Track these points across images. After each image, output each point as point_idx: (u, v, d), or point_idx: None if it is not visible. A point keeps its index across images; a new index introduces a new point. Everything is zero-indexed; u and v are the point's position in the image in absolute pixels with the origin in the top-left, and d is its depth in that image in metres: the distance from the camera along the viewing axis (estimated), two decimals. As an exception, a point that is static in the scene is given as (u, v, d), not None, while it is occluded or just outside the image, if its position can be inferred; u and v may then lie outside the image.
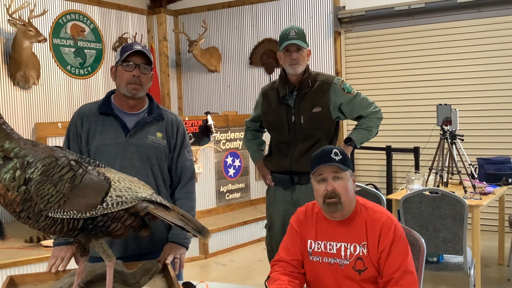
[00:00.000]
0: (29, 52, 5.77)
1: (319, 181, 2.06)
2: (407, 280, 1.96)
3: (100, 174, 1.74)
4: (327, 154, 2.04)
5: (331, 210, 2.04)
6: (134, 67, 2.19)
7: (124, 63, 2.19)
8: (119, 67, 2.22)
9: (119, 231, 1.75)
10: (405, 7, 6.19)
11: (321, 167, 2.03)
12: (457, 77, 6.09)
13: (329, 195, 2.01)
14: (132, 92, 2.21)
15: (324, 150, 2.07)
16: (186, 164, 2.36)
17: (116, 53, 2.28)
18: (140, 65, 2.20)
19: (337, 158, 2.03)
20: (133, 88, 2.20)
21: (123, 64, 2.19)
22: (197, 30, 7.64)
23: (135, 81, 2.19)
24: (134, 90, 2.20)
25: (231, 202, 6.23)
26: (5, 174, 1.61)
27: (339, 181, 2.03)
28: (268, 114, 3.09)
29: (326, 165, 2.02)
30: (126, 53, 2.18)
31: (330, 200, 2.01)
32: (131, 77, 2.19)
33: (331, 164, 2.02)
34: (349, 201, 2.05)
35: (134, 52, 2.18)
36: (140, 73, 2.19)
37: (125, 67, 2.19)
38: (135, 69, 2.19)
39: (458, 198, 3.44)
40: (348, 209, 2.06)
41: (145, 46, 2.27)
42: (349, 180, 2.05)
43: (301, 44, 2.90)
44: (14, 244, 4.54)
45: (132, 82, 2.19)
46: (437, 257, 3.56)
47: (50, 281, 2.01)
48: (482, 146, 5.89)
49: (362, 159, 6.65)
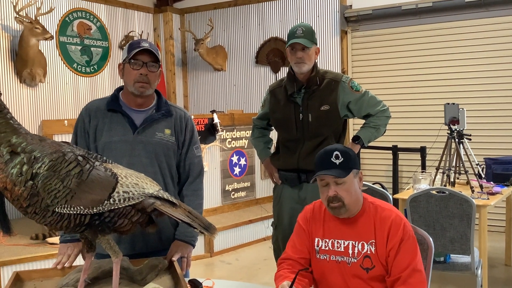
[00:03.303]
0: (36, 49, 5.78)
1: (322, 186, 2.05)
2: (416, 279, 1.94)
3: (107, 170, 1.73)
4: (328, 158, 2.01)
5: (335, 213, 2.04)
6: (142, 65, 2.16)
7: (132, 60, 2.16)
8: (127, 65, 2.20)
9: (126, 227, 1.75)
10: (412, 6, 6.16)
11: (322, 173, 2.02)
12: (465, 76, 6.05)
13: (332, 199, 2.00)
14: (140, 90, 2.19)
15: (326, 153, 2.03)
16: (195, 161, 2.34)
17: (123, 50, 2.25)
18: (148, 63, 2.17)
19: (337, 162, 1.99)
20: (140, 86, 2.18)
21: (130, 62, 2.17)
22: (203, 28, 7.63)
23: (143, 79, 2.17)
24: (141, 88, 2.19)
25: (237, 200, 6.22)
26: (12, 169, 1.60)
27: (341, 186, 2.00)
28: (275, 111, 3.08)
29: (325, 174, 2.00)
30: (133, 51, 2.15)
31: (333, 205, 2.01)
32: (138, 76, 2.16)
33: (329, 173, 1.99)
34: (354, 202, 2.03)
35: (142, 50, 2.16)
36: (147, 71, 2.17)
37: (133, 65, 2.16)
38: (142, 67, 2.16)
39: (465, 198, 3.41)
40: (354, 209, 2.04)
41: (152, 44, 2.25)
42: (352, 182, 2.02)
43: (305, 43, 2.87)
44: (20, 241, 4.55)
45: (139, 80, 2.17)
46: (444, 257, 3.53)
47: (56, 277, 2.01)
48: (489, 146, 5.86)
49: (368, 158, 6.63)
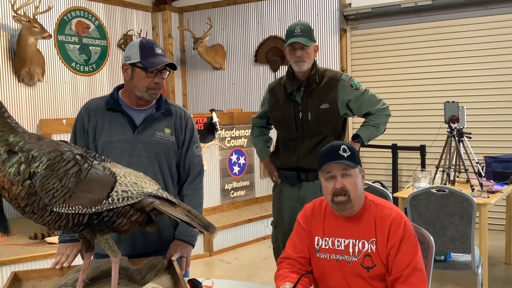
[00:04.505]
0: (34, 48, 5.76)
1: (328, 179, 2.02)
2: (416, 277, 1.93)
3: (106, 169, 1.72)
4: (336, 150, 2.00)
5: (340, 208, 2.00)
6: (156, 73, 2.14)
7: (148, 67, 2.10)
8: (139, 70, 2.13)
9: (125, 227, 1.74)
10: (412, 4, 6.15)
11: (329, 165, 2.00)
12: (465, 74, 6.04)
13: (338, 192, 1.97)
14: (153, 97, 2.19)
15: (333, 146, 2.03)
16: (195, 160, 2.33)
17: (127, 48, 2.18)
18: (162, 71, 2.16)
19: (345, 154, 1.99)
20: (153, 93, 2.17)
21: (145, 69, 2.11)
22: (202, 27, 7.62)
23: (156, 87, 2.16)
24: (154, 95, 2.18)
25: (236, 199, 6.20)
26: (10, 168, 1.59)
27: (348, 178, 1.99)
28: (275, 110, 3.06)
29: (335, 163, 1.99)
30: (149, 58, 2.09)
31: (339, 199, 1.98)
32: (153, 84, 2.14)
33: (339, 161, 1.98)
34: (358, 198, 2.02)
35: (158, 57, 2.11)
36: (160, 79, 2.16)
37: (149, 74, 2.11)
38: (156, 75, 2.14)
39: (466, 196, 3.40)
40: (357, 206, 2.02)
41: (163, 50, 2.22)
42: (358, 176, 2.02)
43: (305, 42, 2.86)
44: (18, 241, 4.53)
45: (153, 87, 2.15)
46: (445, 255, 3.52)
47: (54, 277, 2.00)
48: (489, 144, 5.85)
49: (368, 157, 6.61)
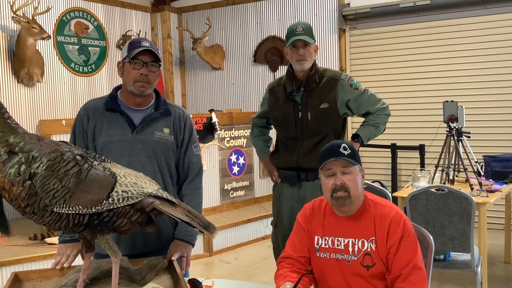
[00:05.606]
0: (33, 49, 5.76)
1: (328, 176, 2.02)
2: (416, 276, 1.93)
3: (106, 169, 1.72)
4: (336, 148, 2.01)
5: (340, 204, 2.00)
6: (142, 65, 2.15)
7: (132, 59, 2.15)
8: (127, 64, 2.18)
9: (125, 227, 1.74)
10: (411, 4, 6.15)
11: (330, 162, 2.00)
12: (463, 74, 6.05)
13: (338, 188, 1.98)
14: (140, 90, 2.18)
15: (333, 145, 2.04)
16: (194, 160, 2.33)
17: (122, 48, 2.23)
18: (148, 63, 2.16)
19: (346, 152, 2.00)
20: (140, 86, 2.17)
21: (130, 61, 2.15)
22: (201, 27, 7.62)
23: (143, 79, 2.16)
24: (141, 88, 2.18)
25: (235, 200, 6.21)
26: (10, 168, 1.59)
27: (348, 176, 2.00)
28: (275, 110, 3.07)
29: (335, 159, 2.00)
30: (134, 50, 2.13)
31: (338, 194, 1.98)
32: (139, 75, 2.15)
33: (340, 158, 1.99)
34: (358, 196, 2.02)
35: (143, 50, 2.14)
36: (148, 71, 2.16)
37: (133, 65, 2.15)
38: (143, 67, 2.15)
39: (465, 195, 3.41)
40: (356, 204, 2.03)
41: (153, 43, 2.23)
42: (358, 174, 2.03)
43: (308, 40, 2.87)
44: (18, 242, 4.53)
45: (139, 80, 2.16)
46: (444, 254, 3.53)
47: (55, 278, 2.00)
48: (488, 143, 5.86)
49: (367, 156, 6.62)
